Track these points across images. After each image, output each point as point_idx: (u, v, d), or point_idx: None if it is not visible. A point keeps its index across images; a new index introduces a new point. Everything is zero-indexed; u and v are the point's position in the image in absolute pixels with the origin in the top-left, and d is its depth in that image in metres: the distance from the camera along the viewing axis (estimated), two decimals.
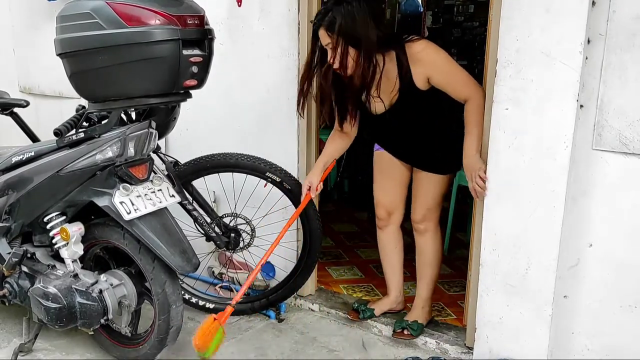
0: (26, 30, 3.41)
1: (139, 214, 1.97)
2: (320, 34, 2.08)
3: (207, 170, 2.40)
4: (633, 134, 1.85)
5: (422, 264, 2.47)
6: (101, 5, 1.79)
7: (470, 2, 4.05)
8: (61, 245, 2.08)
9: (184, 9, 1.84)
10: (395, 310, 2.60)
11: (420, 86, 2.15)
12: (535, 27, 1.90)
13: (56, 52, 1.92)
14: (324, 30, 2.06)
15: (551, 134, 1.93)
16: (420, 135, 2.30)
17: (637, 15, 1.79)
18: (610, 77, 1.86)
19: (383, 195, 2.47)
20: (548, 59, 1.89)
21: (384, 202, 2.47)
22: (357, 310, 2.57)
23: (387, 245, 2.54)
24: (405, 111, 2.23)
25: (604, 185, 1.93)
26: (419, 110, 2.22)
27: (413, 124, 2.28)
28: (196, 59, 1.86)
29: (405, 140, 2.34)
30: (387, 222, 2.49)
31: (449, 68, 2.13)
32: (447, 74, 2.12)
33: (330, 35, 2.05)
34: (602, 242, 1.97)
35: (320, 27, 2.07)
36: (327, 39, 2.06)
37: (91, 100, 1.98)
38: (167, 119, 2.15)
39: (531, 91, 1.94)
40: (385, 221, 2.50)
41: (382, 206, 2.48)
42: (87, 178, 2.01)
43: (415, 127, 2.29)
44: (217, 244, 2.36)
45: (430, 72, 2.12)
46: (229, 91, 2.71)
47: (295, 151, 2.59)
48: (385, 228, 2.51)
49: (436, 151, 2.31)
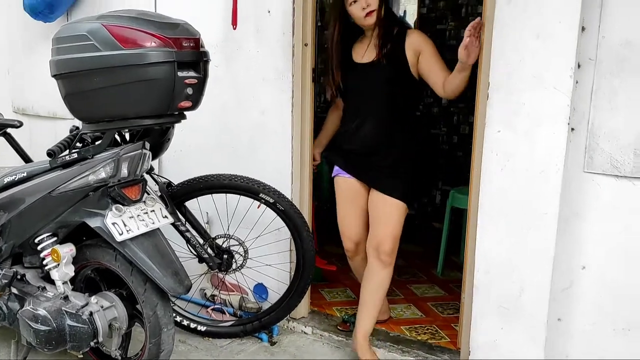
0: (21, 51, 3.42)
1: (131, 235, 1.96)
2: None
3: (200, 191, 2.39)
4: (624, 157, 1.87)
5: (372, 295, 2.40)
6: (97, 28, 1.80)
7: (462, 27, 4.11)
8: (52, 266, 2.06)
9: (180, 32, 1.85)
10: (382, 320, 2.68)
11: (408, 56, 2.29)
12: (526, 51, 1.93)
13: (51, 73, 1.92)
14: None
15: (543, 157, 1.95)
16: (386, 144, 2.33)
17: (626, 40, 1.83)
18: (600, 101, 1.89)
19: (347, 227, 2.49)
20: (539, 83, 1.92)
21: (349, 234, 2.50)
22: (347, 321, 2.66)
23: (361, 273, 2.50)
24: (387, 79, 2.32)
25: (596, 208, 1.95)
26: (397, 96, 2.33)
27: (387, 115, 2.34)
28: (191, 80, 1.87)
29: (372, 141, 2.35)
30: (355, 252, 2.53)
31: (436, 52, 2.31)
32: (434, 54, 2.30)
33: None
34: (595, 264, 1.98)
35: None
36: None
37: (85, 121, 1.98)
38: (161, 139, 2.15)
39: (523, 114, 1.96)
40: (352, 252, 2.54)
41: (347, 238, 2.51)
42: (80, 199, 2.00)
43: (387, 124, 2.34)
44: (210, 265, 2.34)
45: (422, 46, 2.29)
46: (223, 113, 2.72)
47: (289, 172, 2.60)
48: (355, 257, 2.56)
49: (396, 169, 2.33)
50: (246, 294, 2.78)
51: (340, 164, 2.47)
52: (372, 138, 2.35)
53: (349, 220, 2.48)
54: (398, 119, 2.34)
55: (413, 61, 2.31)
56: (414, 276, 3.34)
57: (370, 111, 2.35)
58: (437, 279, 3.31)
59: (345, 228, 2.50)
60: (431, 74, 2.29)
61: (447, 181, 4.18)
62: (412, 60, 2.31)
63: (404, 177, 2.34)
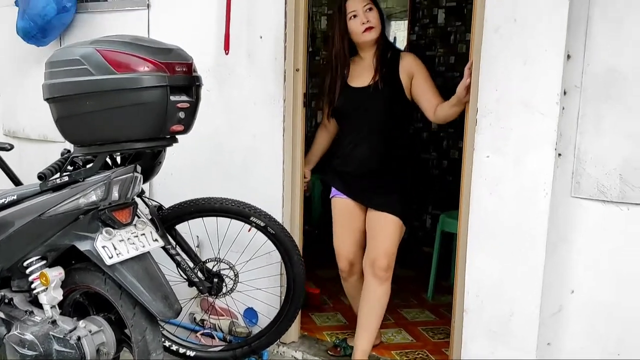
0: (12, 74, 3.43)
1: (121, 258, 1.95)
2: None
3: (191, 215, 2.39)
4: (610, 182, 1.90)
5: (370, 314, 2.43)
6: (91, 52, 1.82)
7: (451, 54, 4.18)
8: (40, 290, 2.04)
9: (173, 57, 1.87)
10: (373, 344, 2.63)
11: (402, 79, 2.35)
12: (513, 78, 1.97)
13: (44, 97, 1.93)
14: None
15: (531, 182, 1.97)
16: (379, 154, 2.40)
17: (610, 68, 1.87)
18: (586, 127, 1.93)
19: (343, 247, 2.53)
20: (526, 109, 1.95)
21: (344, 254, 2.53)
22: (337, 346, 2.64)
23: (355, 295, 2.60)
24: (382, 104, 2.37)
25: (584, 232, 1.97)
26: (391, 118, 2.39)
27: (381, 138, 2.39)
28: (183, 104, 1.89)
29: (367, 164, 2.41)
30: (350, 272, 2.57)
31: (428, 76, 2.38)
32: (427, 78, 2.37)
33: None
34: (583, 288, 1.99)
35: None
36: (366, 1, 2.36)
37: (77, 145, 1.98)
38: (152, 163, 2.16)
39: (511, 139, 1.99)
40: (347, 272, 2.57)
41: (343, 258, 2.54)
42: (70, 222, 1.99)
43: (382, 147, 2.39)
44: (200, 289, 2.33)
45: (415, 70, 2.36)
46: (215, 136, 2.74)
47: (280, 196, 2.61)
48: (350, 278, 2.58)
49: (390, 188, 2.40)
50: (236, 318, 2.75)
51: (337, 185, 2.52)
52: (367, 159, 2.40)
53: (345, 240, 2.52)
54: (393, 140, 2.40)
55: (407, 84, 2.37)
56: (404, 300, 3.34)
57: (366, 134, 2.40)
58: (427, 304, 3.31)
59: (340, 248, 2.54)
60: (423, 98, 2.34)
61: (437, 205, 4.20)
62: (406, 83, 2.37)
63: (399, 195, 2.39)
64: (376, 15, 2.38)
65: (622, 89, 1.86)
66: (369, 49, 2.43)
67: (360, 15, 2.35)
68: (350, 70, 2.47)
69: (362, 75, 2.43)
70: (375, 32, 2.37)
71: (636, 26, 1.83)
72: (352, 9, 2.37)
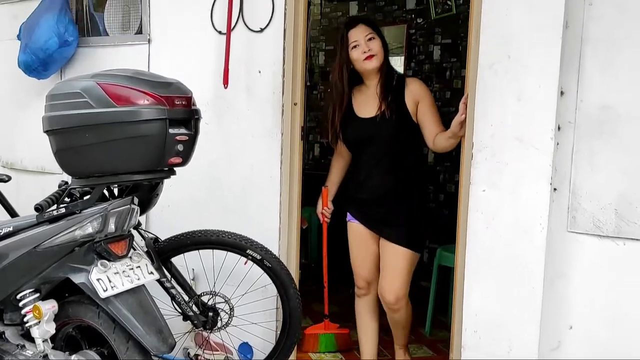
0: (12, 106, 3.46)
1: (115, 291, 1.93)
2: (359, 29, 2.43)
3: (187, 247, 2.38)
4: (605, 217, 1.90)
5: (397, 330, 2.64)
6: (91, 86, 1.85)
7: (447, 89, 4.24)
8: (32, 323, 2.01)
9: (173, 91, 1.90)
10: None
11: (408, 104, 2.40)
12: (508, 113, 1.99)
13: (44, 129, 1.94)
14: (364, 25, 2.44)
15: (527, 216, 1.98)
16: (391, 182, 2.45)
17: (603, 105, 1.90)
18: (581, 163, 1.94)
19: (361, 267, 2.58)
20: (521, 144, 1.98)
21: (362, 274, 2.59)
22: None
23: (365, 314, 2.65)
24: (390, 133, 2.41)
25: (581, 268, 1.97)
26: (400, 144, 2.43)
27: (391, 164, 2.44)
28: (182, 137, 1.90)
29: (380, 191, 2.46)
30: (367, 291, 2.60)
31: (433, 103, 2.44)
32: (431, 105, 2.42)
33: (369, 27, 2.44)
34: (581, 324, 1.98)
35: (360, 23, 2.45)
36: (367, 30, 2.42)
37: (75, 176, 1.99)
38: (150, 195, 2.16)
39: (506, 174, 2.01)
40: (365, 290, 2.61)
41: (361, 277, 2.59)
42: (65, 254, 1.98)
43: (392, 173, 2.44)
44: (194, 323, 2.30)
45: (420, 96, 2.41)
46: (212, 169, 2.75)
47: (276, 228, 2.60)
48: (365, 297, 2.62)
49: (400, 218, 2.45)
50: (231, 353, 2.71)
51: (352, 212, 2.56)
52: (378, 187, 2.47)
53: (362, 262, 2.57)
54: (404, 167, 2.46)
55: (413, 109, 2.41)
56: None
57: (375, 163, 2.46)
58: (425, 339, 3.27)
59: (358, 268, 2.59)
60: (425, 126, 2.39)
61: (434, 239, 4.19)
62: (412, 108, 2.41)
63: (408, 225, 2.44)
64: (378, 44, 2.43)
65: (615, 125, 1.89)
66: (373, 77, 2.47)
67: (362, 45, 2.40)
68: (356, 99, 2.51)
69: (368, 104, 2.47)
70: (376, 60, 2.41)
71: (627, 63, 1.87)
72: (353, 39, 2.43)
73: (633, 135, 1.86)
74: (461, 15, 4.02)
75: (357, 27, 2.43)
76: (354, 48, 2.42)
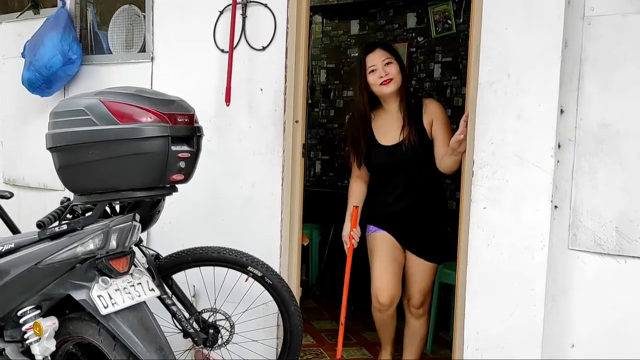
0: (16, 123, 3.48)
1: (116, 308, 1.92)
2: (376, 54, 2.47)
3: (188, 264, 2.37)
4: (606, 234, 1.91)
5: (412, 342, 2.68)
6: (95, 103, 1.86)
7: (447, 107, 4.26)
8: (33, 340, 2.00)
9: (175, 108, 1.91)
10: None
11: (426, 125, 2.47)
12: (508, 131, 2.01)
13: (47, 146, 1.96)
14: (381, 49, 2.49)
15: (528, 233, 1.98)
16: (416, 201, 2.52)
17: (603, 122, 1.91)
18: (581, 180, 1.95)
19: (387, 281, 2.51)
20: (522, 162, 1.98)
21: (388, 289, 2.51)
22: None
23: (386, 323, 2.65)
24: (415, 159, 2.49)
25: (582, 286, 1.96)
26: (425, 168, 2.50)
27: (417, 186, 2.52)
28: (184, 154, 1.91)
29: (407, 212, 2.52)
30: (389, 306, 2.54)
31: (446, 124, 2.49)
32: (444, 126, 2.47)
33: (386, 52, 2.48)
34: (583, 343, 1.97)
35: (377, 48, 2.49)
36: (385, 55, 2.47)
37: (77, 193, 1.99)
38: (151, 212, 2.16)
39: (507, 191, 2.01)
40: (387, 306, 2.54)
41: (387, 294, 2.51)
42: (66, 271, 1.97)
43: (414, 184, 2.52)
44: (195, 340, 2.29)
45: (435, 116, 2.47)
46: (214, 185, 2.76)
47: (278, 245, 2.60)
48: (386, 312, 2.58)
49: (428, 234, 2.55)
50: None
51: (377, 224, 2.58)
52: (407, 209, 2.53)
53: (387, 274, 2.53)
54: (428, 187, 2.54)
55: (429, 130, 2.48)
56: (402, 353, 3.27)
57: (404, 189, 2.52)
58: (427, 357, 3.24)
59: (383, 283, 2.52)
60: (436, 145, 2.45)
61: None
62: (429, 129, 2.48)
63: (437, 240, 2.57)
64: (396, 68, 2.47)
65: (615, 143, 1.90)
66: (392, 101, 2.52)
67: (379, 69, 2.45)
68: (376, 124, 2.56)
69: (390, 129, 2.52)
70: (394, 84, 2.45)
71: (626, 81, 1.88)
72: (371, 64, 2.47)
73: (633, 153, 1.87)
74: (461, 34, 4.06)
75: (375, 51, 2.48)
76: (372, 72, 2.46)
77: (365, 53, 2.51)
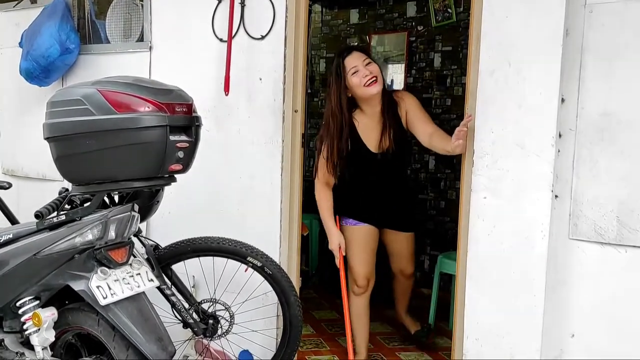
0: (14, 114, 3.47)
1: (115, 298, 1.92)
2: (355, 55, 2.50)
3: (187, 255, 2.37)
4: (607, 224, 1.90)
5: (406, 296, 3.03)
6: (92, 93, 1.85)
7: (447, 96, 4.24)
8: (32, 331, 2.00)
9: (173, 98, 1.90)
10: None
11: (403, 120, 2.54)
12: (508, 121, 1.99)
13: (44, 136, 1.94)
14: (358, 52, 2.52)
15: (528, 223, 1.98)
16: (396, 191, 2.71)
17: (604, 111, 1.90)
18: (582, 170, 1.94)
19: (363, 267, 2.70)
20: (522, 151, 1.97)
21: (364, 273, 2.70)
22: None
23: (364, 315, 2.78)
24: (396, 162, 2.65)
25: (582, 275, 1.96)
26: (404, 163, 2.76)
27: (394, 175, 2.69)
28: (182, 144, 1.90)
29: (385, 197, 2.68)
30: (366, 288, 2.73)
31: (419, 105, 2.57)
32: (419, 108, 2.56)
33: (364, 54, 2.52)
34: (583, 332, 1.97)
35: (353, 51, 2.53)
36: (363, 56, 2.50)
37: (75, 183, 1.99)
38: (150, 202, 2.16)
39: (507, 181, 2.01)
40: (364, 288, 2.72)
41: (363, 276, 2.71)
42: (65, 261, 1.97)
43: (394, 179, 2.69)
44: (195, 330, 2.29)
45: (409, 105, 2.54)
46: (213, 175, 2.75)
47: (277, 235, 2.60)
48: (363, 295, 2.74)
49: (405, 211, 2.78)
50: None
51: (357, 216, 2.67)
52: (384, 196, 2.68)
53: (364, 261, 2.70)
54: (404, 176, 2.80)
55: (404, 120, 2.53)
56: (403, 343, 3.28)
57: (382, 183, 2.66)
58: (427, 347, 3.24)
59: (361, 268, 2.70)
60: (418, 126, 2.50)
61: (435, 246, 4.19)
62: (404, 120, 2.53)
63: (410, 212, 2.82)
64: (377, 68, 2.49)
65: (616, 132, 1.88)
66: (375, 104, 2.53)
67: (361, 70, 2.45)
68: (360, 124, 2.56)
69: (372, 132, 2.55)
70: (379, 84, 2.46)
71: (627, 70, 1.87)
72: (352, 65, 2.47)
73: (634, 142, 1.86)
74: (462, 22, 4.02)
75: (353, 54, 2.51)
76: (354, 74, 2.46)
77: (342, 57, 2.51)
